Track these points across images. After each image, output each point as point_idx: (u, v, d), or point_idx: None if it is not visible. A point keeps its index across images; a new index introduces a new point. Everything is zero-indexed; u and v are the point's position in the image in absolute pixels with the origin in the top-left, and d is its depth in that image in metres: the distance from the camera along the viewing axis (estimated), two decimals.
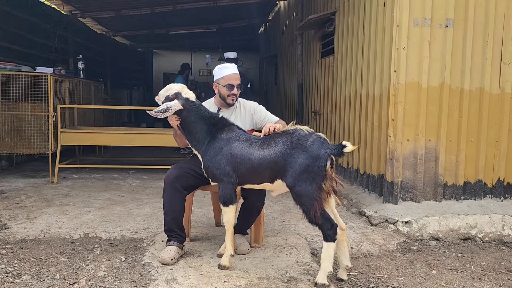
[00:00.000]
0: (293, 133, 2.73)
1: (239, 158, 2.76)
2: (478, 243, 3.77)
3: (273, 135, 2.82)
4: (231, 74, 3.22)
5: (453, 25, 4.09)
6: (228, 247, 2.85)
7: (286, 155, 2.65)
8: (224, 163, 2.79)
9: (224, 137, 2.84)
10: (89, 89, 7.49)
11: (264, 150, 2.73)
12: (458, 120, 4.19)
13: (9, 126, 5.80)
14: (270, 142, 2.76)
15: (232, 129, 2.89)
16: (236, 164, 2.77)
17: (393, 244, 3.58)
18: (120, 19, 9.60)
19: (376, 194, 4.53)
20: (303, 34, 7.42)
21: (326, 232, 2.63)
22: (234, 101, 3.23)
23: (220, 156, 2.80)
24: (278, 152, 2.68)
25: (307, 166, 2.60)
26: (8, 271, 2.81)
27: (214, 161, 2.82)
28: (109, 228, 3.77)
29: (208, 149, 2.86)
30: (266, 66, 13.19)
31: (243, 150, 2.77)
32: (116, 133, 5.99)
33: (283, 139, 2.72)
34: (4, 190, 5.09)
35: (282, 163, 2.66)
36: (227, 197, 2.81)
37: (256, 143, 2.79)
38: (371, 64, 4.63)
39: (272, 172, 2.72)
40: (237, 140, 2.82)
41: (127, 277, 2.76)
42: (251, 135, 2.93)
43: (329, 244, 2.64)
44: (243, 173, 2.78)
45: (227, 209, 2.83)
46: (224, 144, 2.82)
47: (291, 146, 2.66)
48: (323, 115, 6.44)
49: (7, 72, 5.69)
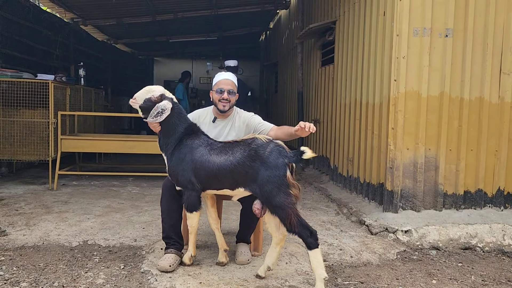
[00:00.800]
0: (250, 143, 2.74)
1: (199, 164, 2.79)
2: (478, 252, 3.76)
3: (233, 143, 2.84)
4: (223, 79, 3.21)
5: (452, 34, 4.11)
6: (190, 249, 3.02)
7: (246, 166, 2.68)
8: (188, 169, 2.80)
9: (189, 143, 2.85)
10: (89, 96, 7.51)
11: (222, 157, 2.75)
12: (458, 129, 4.19)
13: (10, 132, 5.80)
14: (228, 150, 2.77)
15: (197, 136, 2.90)
16: (196, 170, 2.80)
17: (393, 253, 3.57)
18: (122, 26, 9.66)
19: (376, 202, 4.52)
20: (303, 43, 7.46)
21: (306, 240, 2.62)
22: (225, 107, 3.13)
23: (184, 163, 2.81)
24: (236, 163, 2.70)
25: (268, 177, 2.63)
26: (6, 278, 2.80)
27: (179, 168, 2.83)
28: (108, 236, 3.76)
29: (174, 154, 2.86)
30: (267, 74, 13.24)
31: (202, 156, 2.79)
32: (116, 140, 5.99)
33: (240, 149, 2.74)
34: (4, 196, 5.08)
35: (243, 173, 2.69)
36: (191, 204, 2.86)
37: (216, 149, 2.81)
38: (371, 73, 4.65)
39: (232, 180, 2.75)
40: (200, 146, 2.83)
41: (126, 285, 2.75)
42: (214, 141, 2.92)
43: (315, 251, 2.62)
44: (203, 179, 2.81)
45: (191, 215, 2.89)
46: (188, 151, 2.83)
47: (250, 158, 2.68)
48: (323, 123, 6.45)
49: (9, 79, 5.70)
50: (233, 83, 3.22)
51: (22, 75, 5.89)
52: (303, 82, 7.40)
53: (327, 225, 4.25)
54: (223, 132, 3.18)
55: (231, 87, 3.17)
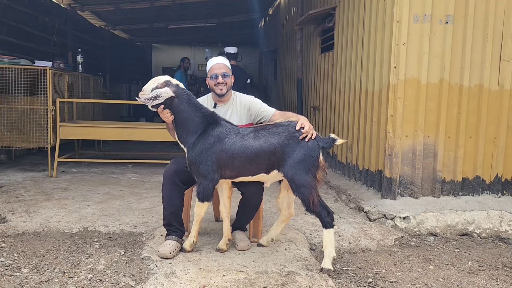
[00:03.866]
0: (287, 125, 2.85)
1: (232, 152, 2.78)
2: (475, 239, 3.79)
3: (265, 127, 2.88)
4: (215, 64, 3.21)
5: (453, 21, 4.09)
6: (192, 235, 3.05)
7: (284, 145, 2.77)
8: (212, 160, 2.80)
9: (215, 133, 2.83)
10: (88, 83, 7.48)
11: (260, 141, 2.78)
12: (457, 117, 4.19)
13: (8, 119, 5.79)
14: (264, 133, 2.82)
15: (221, 124, 2.88)
16: (228, 160, 2.79)
17: (391, 240, 3.60)
18: (119, 12, 9.57)
19: (374, 189, 4.55)
20: (303, 29, 7.41)
21: (324, 219, 2.80)
22: (223, 91, 3.15)
23: (210, 153, 2.80)
24: (276, 143, 2.78)
25: (303, 157, 2.76)
26: (7, 264, 2.82)
27: (202, 158, 2.81)
28: (108, 222, 3.78)
29: (197, 143, 2.84)
30: (266, 61, 13.16)
31: (235, 143, 2.79)
32: (115, 127, 5.98)
33: (278, 130, 2.82)
34: (3, 183, 5.09)
35: (280, 153, 2.77)
36: (205, 194, 2.87)
37: (248, 135, 2.83)
38: (371, 60, 4.63)
39: (269, 162, 2.79)
40: (228, 135, 2.83)
41: (126, 271, 2.77)
42: (241, 128, 2.93)
43: (329, 231, 2.80)
44: (238, 166, 2.81)
45: (202, 204, 2.92)
46: (215, 141, 2.81)
47: (288, 138, 2.78)
48: (323, 110, 6.45)
49: (6, 66, 5.67)
50: (226, 66, 3.22)
51: (20, 62, 5.85)
52: (302, 69, 7.37)
53: None
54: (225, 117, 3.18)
55: (224, 70, 3.17)
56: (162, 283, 2.55)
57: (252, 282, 2.59)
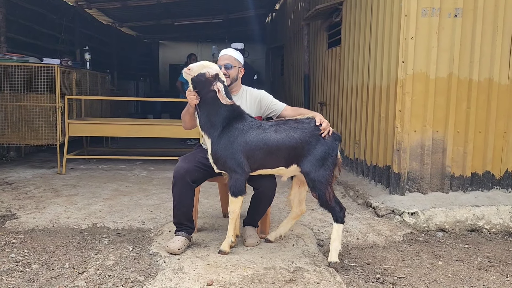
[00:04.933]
0: (309, 122, 2.90)
1: (254, 145, 2.82)
2: (485, 234, 3.76)
3: (286, 121, 2.93)
4: (221, 55, 3.22)
5: (462, 14, 4.04)
6: (230, 235, 2.96)
7: (305, 142, 2.83)
8: (238, 152, 2.81)
9: (239, 126, 2.85)
10: (96, 80, 7.51)
11: (281, 134, 2.83)
12: (466, 111, 4.15)
13: (18, 117, 5.84)
14: (286, 127, 2.86)
15: (245, 118, 2.91)
16: (251, 151, 2.82)
17: (399, 235, 3.58)
18: (126, 9, 9.59)
19: (382, 185, 4.52)
20: (309, 25, 7.37)
21: (337, 214, 2.86)
22: (226, 82, 3.06)
23: (235, 145, 2.81)
24: (298, 138, 2.83)
25: (324, 154, 2.83)
26: (18, 260, 2.86)
27: (228, 151, 2.82)
28: (116, 219, 3.81)
29: (222, 136, 2.84)
30: (273, 57, 13.13)
31: (257, 136, 2.83)
32: (123, 124, 6.01)
33: (299, 126, 2.88)
34: (13, 180, 5.14)
35: (300, 149, 2.83)
36: (238, 188, 2.84)
37: (270, 128, 2.87)
38: (379, 55, 4.60)
39: (289, 156, 2.84)
40: (251, 128, 2.86)
41: (135, 267, 2.79)
42: (263, 122, 2.96)
43: (339, 226, 2.87)
44: (259, 159, 2.85)
45: (236, 199, 2.87)
46: (239, 133, 2.83)
47: (309, 134, 2.84)
48: (330, 106, 6.42)
49: (15, 64, 5.71)
50: (231, 57, 3.19)
51: (28, 60, 5.89)
52: (309, 64, 7.33)
53: None
54: None
55: (227, 61, 3.15)
56: (170, 278, 2.56)
57: (260, 277, 2.60)
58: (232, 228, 2.96)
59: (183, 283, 2.50)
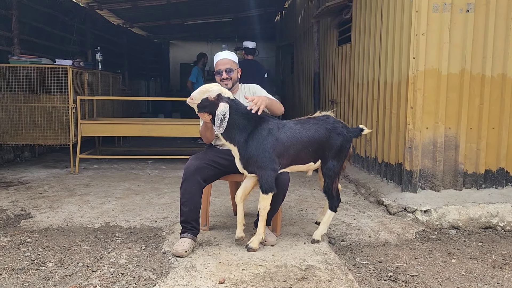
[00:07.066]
0: (327, 119, 3.08)
1: (287, 141, 2.91)
2: (499, 232, 3.72)
3: (306, 120, 3.07)
4: (219, 60, 3.25)
5: (474, 9, 3.99)
6: (260, 232, 2.98)
7: (328, 137, 3.01)
8: (269, 151, 2.86)
9: (265, 127, 2.91)
10: (107, 81, 7.58)
11: (310, 130, 2.98)
12: (479, 107, 4.10)
13: (31, 118, 5.93)
14: (310, 124, 3.02)
15: (268, 119, 2.97)
16: (284, 148, 2.91)
17: (411, 233, 3.55)
18: (137, 10, 9.65)
19: (394, 183, 4.49)
20: (319, 22, 7.34)
21: (334, 203, 3.15)
22: (228, 86, 3.17)
23: (266, 143, 2.86)
24: (323, 133, 3.00)
25: (341, 147, 3.03)
26: (33, 259, 2.90)
27: (260, 149, 2.85)
28: (129, 217, 3.84)
29: (249, 140, 2.87)
30: (283, 55, 13.11)
31: (287, 133, 2.93)
32: (135, 124, 6.06)
33: (321, 122, 3.05)
34: (28, 180, 5.22)
35: (325, 143, 3.01)
36: (269, 185, 2.88)
37: (296, 126, 2.99)
38: (389, 51, 4.56)
39: (317, 151, 3.01)
40: (278, 128, 2.94)
41: (148, 265, 2.82)
42: (286, 121, 3.06)
43: (331, 213, 3.18)
44: (293, 155, 2.95)
45: (266, 196, 2.91)
46: (267, 133, 2.89)
47: (329, 130, 3.02)
48: (340, 103, 6.39)
49: (28, 65, 5.79)
50: (230, 60, 3.25)
51: (41, 61, 5.97)
52: (319, 62, 7.31)
53: (345, 206, 4.25)
54: None
55: (228, 66, 3.22)
56: (182, 276, 2.58)
57: (271, 276, 2.60)
58: (263, 225, 2.99)
59: (195, 281, 2.51)
